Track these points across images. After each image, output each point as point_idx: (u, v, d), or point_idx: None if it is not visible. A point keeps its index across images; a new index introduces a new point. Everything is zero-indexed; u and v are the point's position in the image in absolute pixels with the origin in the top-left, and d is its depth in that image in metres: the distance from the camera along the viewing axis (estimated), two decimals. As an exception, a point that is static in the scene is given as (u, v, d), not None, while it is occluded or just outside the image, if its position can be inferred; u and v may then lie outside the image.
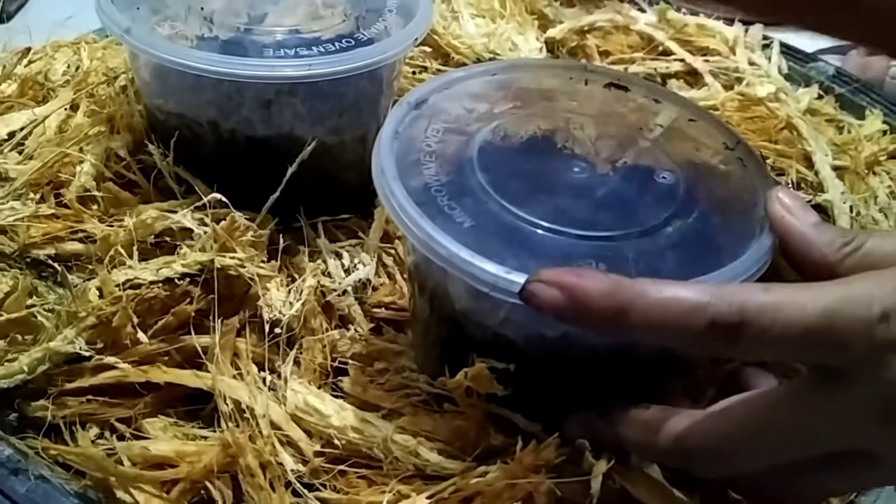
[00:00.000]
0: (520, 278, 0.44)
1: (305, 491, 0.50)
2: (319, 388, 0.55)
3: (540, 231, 0.50)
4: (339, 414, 0.53)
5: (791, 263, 0.48)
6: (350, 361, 0.57)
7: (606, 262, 0.48)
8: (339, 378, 0.56)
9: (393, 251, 0.64)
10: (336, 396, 0.55)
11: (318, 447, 0.52)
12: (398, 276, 0.62)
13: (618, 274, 0.43)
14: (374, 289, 0.61)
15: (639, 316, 0.41)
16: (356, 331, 0.59)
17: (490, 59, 0.82)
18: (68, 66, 0.78)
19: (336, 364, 0.57)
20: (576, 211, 0.51)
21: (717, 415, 0.45)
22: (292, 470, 0.51)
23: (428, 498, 0.49)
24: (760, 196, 0.52)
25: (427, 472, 0.51)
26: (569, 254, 0.49)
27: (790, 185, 0.74)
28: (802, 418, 0.43)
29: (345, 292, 0.59)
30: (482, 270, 0.45)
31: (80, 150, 0.66)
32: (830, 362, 0.41)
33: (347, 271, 0.61)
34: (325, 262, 0.61)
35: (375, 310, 0.60)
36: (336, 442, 0.52)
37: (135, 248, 0.58)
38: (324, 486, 0.51)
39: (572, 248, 0.49)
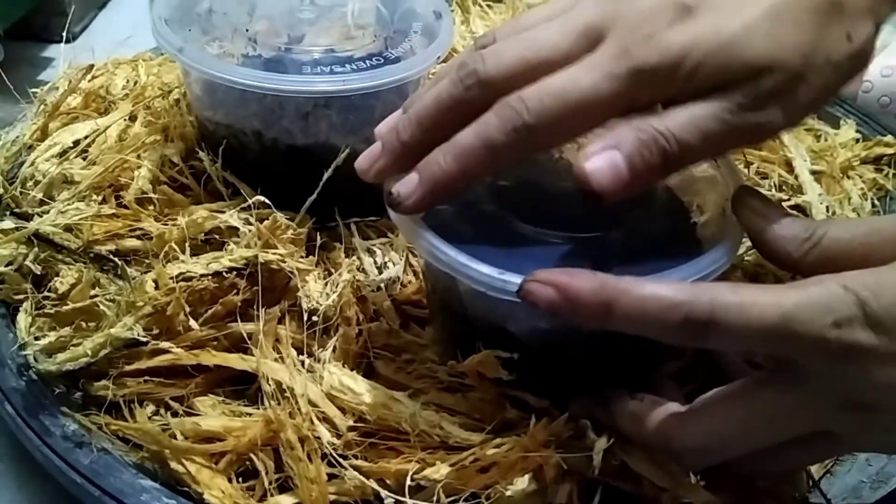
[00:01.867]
0: (513, 278, 0.44)
1: (340, 460, 0.50)
2: (352, 370, 0.55)
3: (532, 234, 0.50)
4: (370, 393, 0.52)
5: (764, 258, 0.48)
6: (380, 352, 0.57)
7: (593, 261, 0.48)
8: (370, 362, 0.56)
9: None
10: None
11: (351, 422, 0.52)
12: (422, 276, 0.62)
13: (603, 272, 0.43)
14: (403, 286, 0.61)
15: (622, 311, 0.42)
16: (387, 324, 0.58)
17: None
18: (127, 81, 0.78)
19: (367, 353, 0.57)
20: (564, 214, 0.51)
21: (699, 414, 0.45)
22: (329, 442, 0.50)
23: (450, 466, 0.49)
24: (730, 193, 0.51)
25: (449, 443, 0.50)
26: (559, 254, 0.49)
27: (772, 188, 0.74)
28: (775, 410, 0.43)
29: (378, 289, 0.59)
30: (479, 273, 0.46)
31: (138, 156, 0.66)
32: (792, 359, 0.42)
33: (380, 269, 0.60)
34: (359, 258, 0.61)
35: (404, 306, 0.60)
36: (367, 417, 0.52)
37: (187, 244, 0.58)
38: (356, 456, 0.51)
39: (562, 249, 0.49)
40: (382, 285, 0.59)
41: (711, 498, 0.48)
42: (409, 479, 0.48)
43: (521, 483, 0.47)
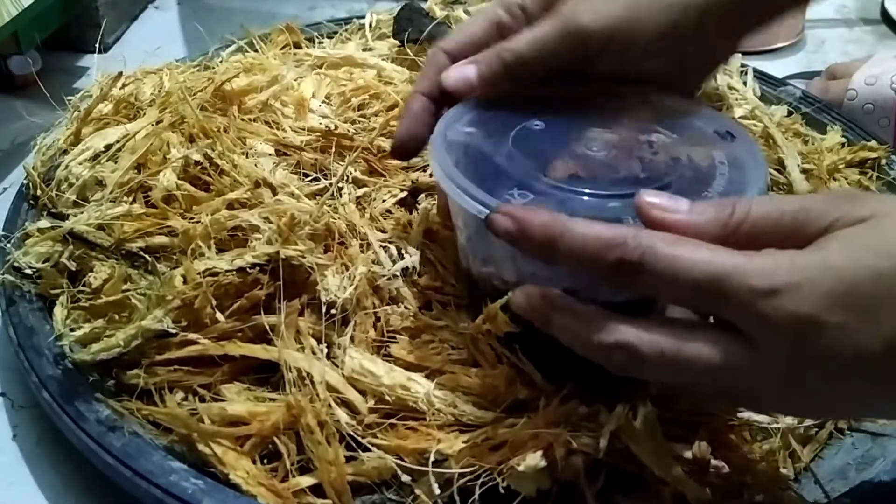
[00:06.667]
0: (485, 209, 0.47)
1: (359, 438, 0.50)
2: (371, 356, 0.55)
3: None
4: (388, 375, 0.53)
5: None
6: (399, 335, 0.57)
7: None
8: (388, 346, 0.56)
9: (434, 246, 0.63)
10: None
11: (371, 404, 0.52)
12: (439, 267, 0.61)
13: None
14: (420, 276, 0.60)
15: (565, 246, 0.43)
16: (406, 308, 0.58)
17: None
18: (154, 89, 0.78)
19: (386, 338, 0.57)
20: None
21: (637, 328, 0.42)
22: (347, 423, 0.51)
23: (464, 443, 0.49)
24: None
25: (464, 421, 0.51)
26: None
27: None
28: (707, 360, 0.41)
29: (394, 276, 0.59)
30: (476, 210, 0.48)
31: (164, 158, 0.66)
32: (727, 319, 0.41)
33: (395, 261, 0.60)
34: (375, 252, 0.61)
35: (425, 291, 0.59)
36: (387, 398, 0.52)
37: (212, 240, 0.58)
38: (375, 437, 0.51)
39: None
40: (398, 273, 0.59)
41: (704, 493, 0.48)
42: (432, 455, 0.49)
43: (533, 459, 0.47)
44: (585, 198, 0.50)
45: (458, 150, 0.53)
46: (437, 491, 0.48)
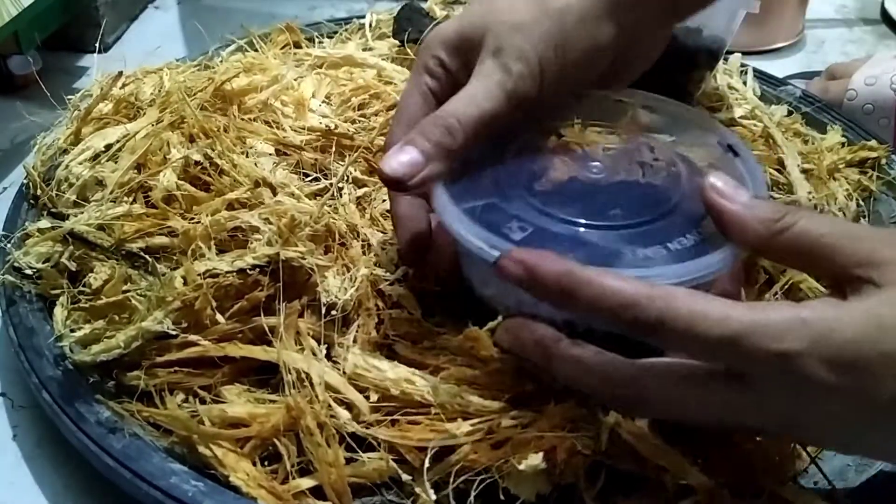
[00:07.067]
0: (494, 252, 0.46)
1: (362, 431, 0.50)
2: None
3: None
4: (394, 370, 0.53)
5: (731, 239, 0.47)
6: (401, 340, 0.56)
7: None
8: (391, 348, 0.56)
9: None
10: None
11: (375, 400, 0.52)
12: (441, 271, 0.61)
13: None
14: (421, 280, 0.60)
15: (581, 299, 0.43)
16: (408, 312, 0.58)
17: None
18: (155, 89, 0.78)
19: (388, 342, 0.56)
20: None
21: (645, 377, 0.45)
22: (347, 422, 0.51)
23: (471, 426, 0.49)
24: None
25: (469, 411, 0.50)
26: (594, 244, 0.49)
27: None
28: (715, 402, 0.44)
29: (396, 281, 0.59)
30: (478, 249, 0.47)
31: (164, 158, 0.66)
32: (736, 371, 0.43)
33: (397, 265, 0.60)
34: (376, 254, 0.61)
35: (426, 297, 0.59)
36: (392, 392, 0.52)
37: (212, 241, 0.58)
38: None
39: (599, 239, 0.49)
40: (401, 276, 0.59)
41: (707, 480, 0.48)
42: (432, 442, 0.49)
43: (535, 459, 0.47)
44: (582, 230, 0.50)
45: (456, 168, 0.53)
46: (432, 492, 0.48)
